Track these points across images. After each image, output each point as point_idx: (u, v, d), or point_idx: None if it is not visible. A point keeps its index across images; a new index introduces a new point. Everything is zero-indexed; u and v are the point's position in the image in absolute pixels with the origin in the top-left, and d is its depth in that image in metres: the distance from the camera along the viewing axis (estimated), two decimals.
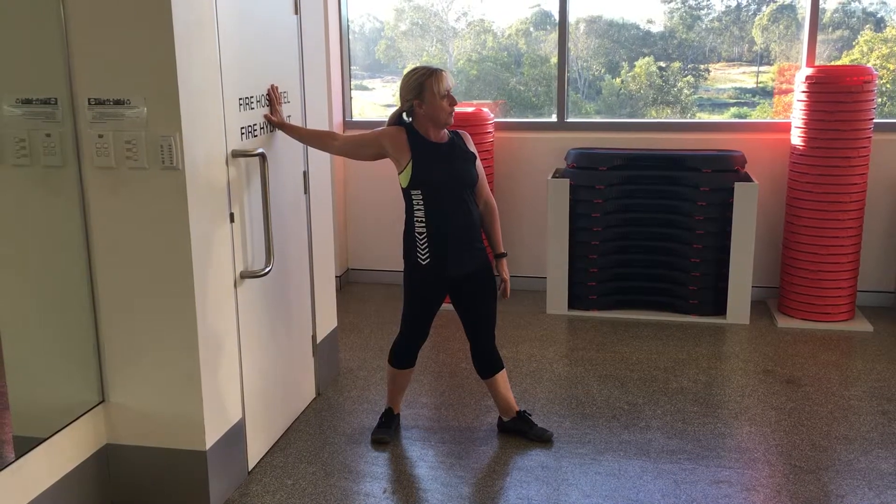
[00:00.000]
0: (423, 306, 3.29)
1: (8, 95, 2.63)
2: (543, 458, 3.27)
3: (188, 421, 2.80)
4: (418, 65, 3.20)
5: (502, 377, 3.43)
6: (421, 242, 3.17)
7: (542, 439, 3.40)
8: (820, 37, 5.07)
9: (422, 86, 3.08)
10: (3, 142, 2.64)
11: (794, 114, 4.76)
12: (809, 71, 4.62)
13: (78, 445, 2.78)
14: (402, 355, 3.39)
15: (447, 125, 3.16)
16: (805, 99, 4.61)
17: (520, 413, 3.47)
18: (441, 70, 3.12)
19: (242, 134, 3.02)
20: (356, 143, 3.34)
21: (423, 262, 3.18)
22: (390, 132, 3.18)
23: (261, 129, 3.17)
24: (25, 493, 2.55)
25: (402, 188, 3.18)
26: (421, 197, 3.13)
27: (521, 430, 3.45)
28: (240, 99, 2.99)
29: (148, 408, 2.83)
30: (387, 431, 3.44)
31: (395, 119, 3.22)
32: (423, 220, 3.15)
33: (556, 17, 5.33)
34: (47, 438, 2.65)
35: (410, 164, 3.11)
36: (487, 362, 3.39)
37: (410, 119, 3.18)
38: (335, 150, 3.36)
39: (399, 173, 3.15)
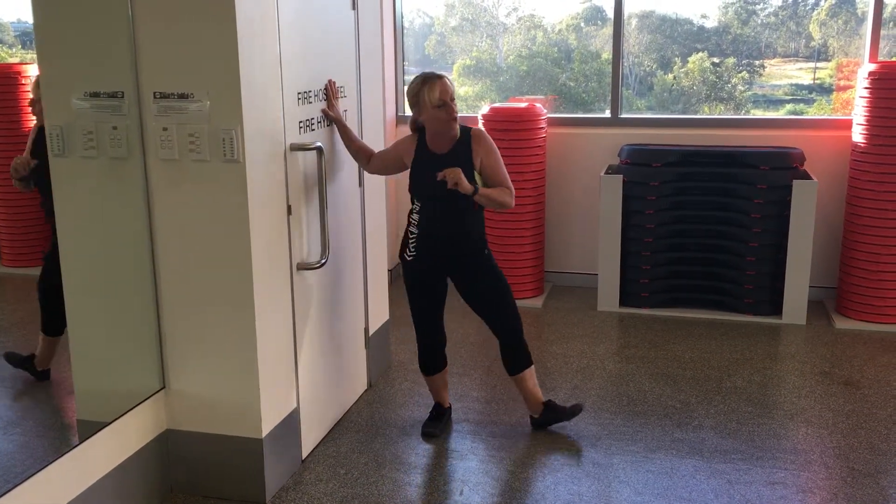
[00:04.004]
0: (419, 301, 3.32)
1: (77, 89, 2.71)
2: (594, 455, 3.25)
3: (245, 408, 2.85)
4: (425, 71, 3.14)
5: (530, 374, 3.36)
6: (411, 241, 3.24)
7: (575, 413, 3.40)
8: (881, 32, 4.94)
9: (417, 96, 3.06)
10: (73, 134, 2.72)
11: (857, 110, 4.64)
12: (873, 67, 4.50)
13: (139, 430, 2.85)
14: (426, 360, 3.42)
15: (449, 134, 3.09)
16: (868, 95, 4.50)
17: (546, 404, 3.44)
18: (437, 78, 3.04)
19: (300, 128, 3.06)
20: (383, 160, 3.35)
21: (409, 259, 3.25)
22: (404, 141, 3.25)
23: (318, 123, 3.20)
24: (88, 475, 2.62)
25: None
26: (414, 203, 3.21)
27: (553, 419, 3.42)
28: (298, 93, 3.03)
29: (207, 395, 2.89)
30: (437, 425, 3.46)
31: (413, 125, 3.23)
32: (416, 222, 3.21)
33: (608, 12, 5.29)
34: (110, 423, 2.72)
35: (409, 172, 3.19)
36: (509, 358, 3.34)
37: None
38: (370, 169, 3.38)
39: None
